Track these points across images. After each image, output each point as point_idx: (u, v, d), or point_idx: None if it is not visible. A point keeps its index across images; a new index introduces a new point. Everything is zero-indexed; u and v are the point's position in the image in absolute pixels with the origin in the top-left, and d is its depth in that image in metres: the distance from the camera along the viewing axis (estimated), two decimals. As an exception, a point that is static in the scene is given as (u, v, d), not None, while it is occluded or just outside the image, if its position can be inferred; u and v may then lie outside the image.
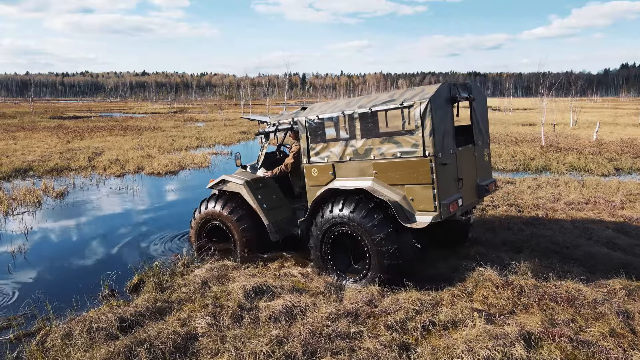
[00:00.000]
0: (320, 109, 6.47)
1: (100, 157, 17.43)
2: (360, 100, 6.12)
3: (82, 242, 8.30)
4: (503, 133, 26.01)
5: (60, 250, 7.88)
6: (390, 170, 5.73)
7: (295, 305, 5.25)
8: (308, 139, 6.44)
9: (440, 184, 5.45)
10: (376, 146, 5.82)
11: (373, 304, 5.36)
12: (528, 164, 15.68)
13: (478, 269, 6.08)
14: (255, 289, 5.73)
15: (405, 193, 5.66)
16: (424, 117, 5.36)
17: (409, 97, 5.58)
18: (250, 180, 7.11)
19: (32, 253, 7.71)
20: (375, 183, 5.83)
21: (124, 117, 48.28)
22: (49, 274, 6.90)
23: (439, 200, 5.43)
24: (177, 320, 5.08)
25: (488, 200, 10.36)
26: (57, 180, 13.70)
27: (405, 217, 5.59)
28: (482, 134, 6.58)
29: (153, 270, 6.47)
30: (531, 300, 5.44)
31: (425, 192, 5.48)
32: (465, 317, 4.91)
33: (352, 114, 5.98)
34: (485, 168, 6.71)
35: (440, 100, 5.54)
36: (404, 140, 5.56)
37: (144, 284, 6.21)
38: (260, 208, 7.00)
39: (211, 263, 6.73)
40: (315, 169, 6.41)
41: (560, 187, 11.67)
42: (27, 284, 6.48)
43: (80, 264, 7.29)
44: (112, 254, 7.76)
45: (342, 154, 6.12)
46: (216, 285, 6.04)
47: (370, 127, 5.91)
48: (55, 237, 8.60)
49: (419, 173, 5.48)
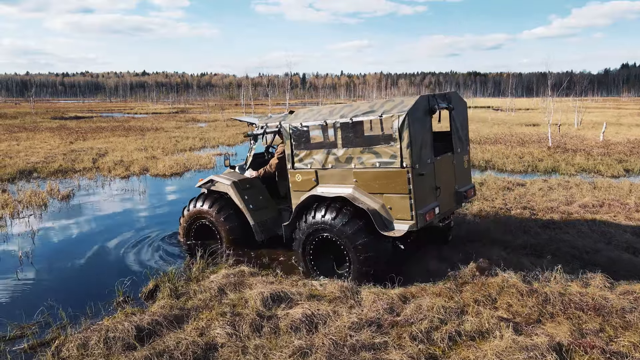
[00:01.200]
0: (304, 116, 6.59)
1: (105, 158, 17.29)
2: (343, 110, 6.25)
3: (92, 245, 8.15)
4: (508, 134, 25.87)
5: (70, 255, 7.73)
6: (370, 179, 5.93)
7: (315, 313, 5.11)
8: (292, 146, 6.57)
9: (417, 194, 5.68)
10: (357, 155, 6.00)
11: (395, 312, 5.22)
12: (536, 165, 15.56)
13: (501, 275, 5.94)
14: (273, 296, 5.59)
15: (384, 202, 5.86)
16: (402, 130, 5.54)
17: (388, 108, 5.75)
18: (237, 181, 7.30)
19: (40, 258, 7.56)
20: (356, 191, 6.01)
21: (125, 117, 48.14)
22: (60, 279, 6.77)
23: (416, 210, 5.66)
24: (195, 329, 4.94)
25: (500, 202, 10.24)
26: (62, 182, 13.57)
27: (383, 225, 5.81)
28: (461, 142, 6.77)
29: (168, 275, 6.34)
30: (557, 308, 5.30)
31: (403, 202, 5.70)
32: (492, 327, 4.78)
33: (334, 123, 6.15)
34: (464, 175, 6.90)
35: (419, 112, 5.70)
36: (383, 151, 5.76)
37: (158, 290, 6.08)
38: (247, 208, 7.22)
39: (227, 269, 6.60)
40: (299, 174, 6.57)
41: (572, 189, 11.54)
42: (38, 290, 6.34)
43: (92, 269, 7.16)
44: (123, 258, 7.61)
45: (324, 161, 6.29)
46: (233, 292, 5.90)
47: (351, 137, 6.11)
48: (64, 241, 8.46)
49: (397, 183, 5.70)
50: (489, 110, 62.15)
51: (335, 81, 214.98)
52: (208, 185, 7.57)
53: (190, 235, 7.79)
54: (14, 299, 6.04)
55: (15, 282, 6.60)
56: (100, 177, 14.34)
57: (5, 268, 7.08)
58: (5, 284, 6.57)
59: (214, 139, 24.79)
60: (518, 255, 6.75)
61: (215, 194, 7.58)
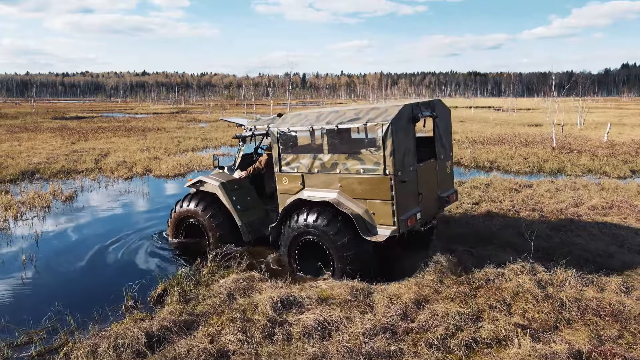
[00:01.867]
0: (291, 120, 6.70)
1: (107, 159, 17.19)
2: (329, 115, 6.36)
3: (97, 248, 8.04)
4: (511, 134, 25.77)
5: (75, 258, 7.63)
6: (354, 184, 6.08)
7: (327, 319, 5.01)
8: (279, 149, 6.68)
9: (399, 200, 5.84)
10: (342, 161, 6.15)
11: (409, 318, 5.13)
12: (542, 166, 15.46)
13: (515, 279, 5.85)
14: (283, 300, 5.49)
15: (367, 207, 6.02)
16: (386, 138, 5.69)
17: (372, 117, 5.88)
18: (226, 182, 7.43)
19: (45, 261, 7.46)
20: (341, 196, 6.17)
21: (126, 117, 48.04)
22: (66, 283, 6.66)
23: (398, 216, 5.84)
24: (206, 335, 4.85)
25: (508, 204, 10.14)
26: (65, 183, 13.47)
27: (366, 229, 6.00)
28: (444, 148, 6.95)
29: (177, 279, 6.24)
30: (573, 314, 5.21)
31: (385, 208, 5.87)
32: (509, 334, 4.69)
33: (320, 129, 6.28)
34: (446, 180, 7.11)
35: (402, 121, 5.86)
36: (367, 158, 5.92)
37: (167, 294, 5.99)
38: (235, 209, 7.36)
39: (237, 274, 6.50)
40: (286, 177, 6.70)
41: (579, 190, 11.44)
42: (44, 294, 6.23)
43: (97, 272, 7.05)
44: (129, 261, 7.52)
45: (310, 166, 6.43)
46: (242, 296, 5.80)
47: (337, 143, 6.27)
48: (68, 243, 8.35)
49: (380, 189, 5.86)
50: (489, 110, 62.03)
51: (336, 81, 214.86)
52: (197, 186, 7.69)
53: (179, 234, 7.94)
54: (20, 304, 5.94)
55: (21, 287, 6.50)
56: (103, 178, 14.24)
57: (10, 272, 6.98)
58: (11, 288, 6.47)
59: (216, 139, 24.69)
60: (530, 259, 6.65)
61: (204, 194, 7.68)
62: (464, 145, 20.47)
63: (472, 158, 17.06)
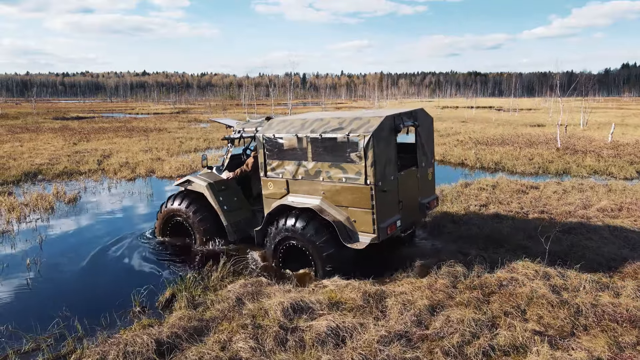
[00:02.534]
0: (277, 127, 6.82)
1: (110, 159, 17.09)
2: (314, 124, 6.48)
3: (102, 251, 7.95)
4: (514, 134, 25.67)
5: (80, 261, 7.54)
6: (337, 192, 6.27)
7: (340, 326, 4.92)
8: (265, 155, 6.85)
9: (379, 209, 6.03)
10: (325, 169, 6.33)
11: (423, 325, 5.04)
12: (547, 167, 15.37)
13: (529, 284, 5.76)
14: (294, 306, 5.40)
15: (348, 214, 6.23)
16: (367, 149, 5.85)
17: (355, 127, 6.03)
18: (213, 183, 7.60)
19: (50, 264, 7.35)
20: (323, 203, 6.37)
21: (127, 117, 47.93)
22: (71, 288, 6.56)
23: (378, 224, 6.03)
24: (217, 342, 4.75)
25: (516, 206, 10.05)
26: (68, 184, 13.37)
27: (347, 236, 6.20)
28: (426, 156, 7.15)
29: (185, 284, 6.15)
30: (590, 320, 5.12)
31: (366, 216, 6.06)
32: (526, 341, 4.59)
33: (304, 137, 6.42)
34: (428, 187, 7.33)
35: (384, 132, 6.01)
36: (349, 167, 6.08)
37: (175, 299, 5.89)
38: (221, 210, 7.52)
39: (245, 279, 6.41)
40: (271, 182, 6.90)
41: (586, 192, 11.35)
42: (50, 299, 6.12)
43: (103, 276, 6.95)
44: (135, 264, 7.42)
45: (295, 172, 6.61)
46: (251, 302, 5.71)
47: (320, 152, 6.38)
48: (73, 246, 8.24)
49: (361, 198, 6.04)
50: (491, 110, 61.95)
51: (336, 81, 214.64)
52: (185, 185, 7.84)
53: (166, 232, 8.10)
54: (26, 309, 5.84)
55: (27, 291, 6.41)
56: (106, 180, 14.14)
57: (15, 276, 6.89)
58: (17, 293, 6.38)
59: (219, 140, 24.59)
60: (543, 263, 6.56)
61: (191, 193, 7.82)
62: (467, 146, 20.38)
63: (477, 159, 16.97)
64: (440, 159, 18.06)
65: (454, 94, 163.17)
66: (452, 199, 10.85)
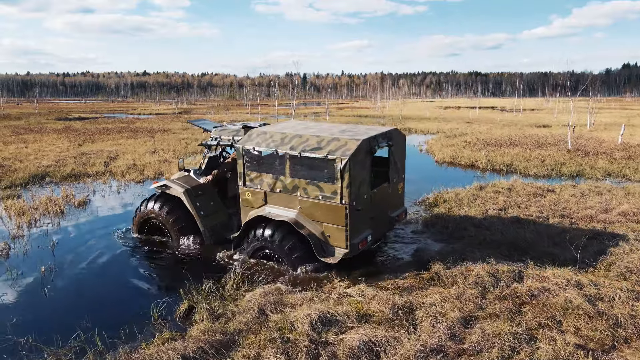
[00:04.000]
0: (256, 139, 7.01)
1: (117, 161, 16.89)
2: (293, 140, 6.71)
3: (115, 258, 7.76)
4: (521, 135, 25.45)
5: (94, 269, 7.35)
6: (313, 208, 6.55)
7: (373, 340, 4.74)
8: (244, 166, 7.05)
9: (352, 226, 6.36)
10: (302, 186, 6.59)
11: (458, 338, 4.85)
12: (560, 169, 15.17)
13: (563, 294, 5.57)
14: (322, 318, 5.21)
15: (323, 230, 6.52)
16: (344, 172, 6.15)
17: (333, 149, 6.31)
18: (190, 188, 7.76)
19: (64, 273, 7.14)
20: (299, 216, 6.64)
21: (130, 118, 47.70)
22: (88, 297, 6.34)
23: (350, 240, 6.38)
24: (246, 357, 4.58)
25: (535, 210, 9.86)
26: (76, 187, 13.17)
27: (321, 250, 6.52)
28: (397, 172, 7.57)
29: (202, 294, 5.95)
30: (629, 332, 4.95)
31: (339, 233, 6.38)
32: (569, 356, 4.41)
33: (283, 154, 6.65)
34: (397, 200, 7.76)
35: (360, 154, 6.33)
36: (326, 186, 6.35)
37: (194, 311, 5.70)
38: (198, 215, 7.70)
39: (263, 287, 6.21)
40: (249, 192, 7.12)
41: (604, 195, 11.16)
42: (68, 310, 5.93)
43: (118, 285, 6.74)
44: (149, 272, 7.23)
45: (273, 185, 6.85)
46: (274, 312, 5.52)
47: (298, 169, 6.61)
48: (85, 252, 8.03)
49: (336, 216, 6.34)
50: (494, 110, 61.72)
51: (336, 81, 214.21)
52: (163, 189, 7.97)
53: (143, 230, 8.37)
54: (45, 320, 5.64)
55: (43, 301, 6.20)
56: (114, 182, 13.94)
57: (30, 284, 6.68)
58: (33, 303, 6.16)
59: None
60: (572, 271, 6.37)
61: (167, 196, 7.99)
62: (476, 147, 20.17)
63: (488, 161, 16.77)
64: (450, 160, 17.87)
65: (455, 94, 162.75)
66: (469, 202, 10.66)
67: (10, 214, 10.06)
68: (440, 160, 18.18)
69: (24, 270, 7.10)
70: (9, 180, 13.35)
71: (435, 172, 16.14)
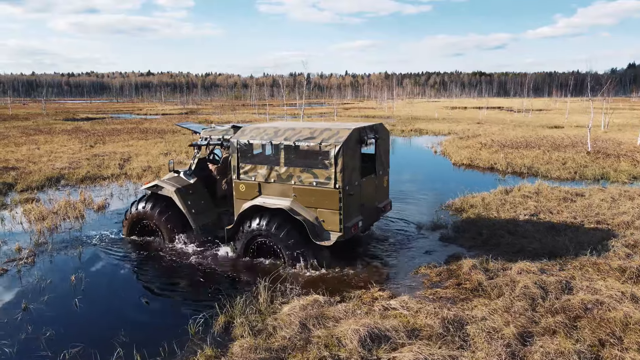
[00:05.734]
0: (250, 133, 7.32)
1: (131, 164, 16.69)
2: (286, 132, 7.07)
3: (141, 266, 7.53)
4: (535, 136, 25.12)
5: (122, 278, 7.13)
6: (307, 195, 6.90)
7: (429, 359, 4.48)
8: (238, 159, 7.31)
9: (346, 210, 6.74)
10: (297, 174, 6.94)
11: (518, 357, 4.58)
12: (583, 172, 14.86)
13: (620, 308, 5.29)
14: (370, 334, 4.96)
15: (317, 215, 6.85)
16: (337, 157, 6.57)
17: (326, 137, 6.72)
18: (181, 188, 7.94)
19: (93, 282, 6.86)
20: (294, 204, 6.94)
21: (137, 119, 47.62)
22: (119, 309, 6.08)
23: (344, 223, 6.75)
24: (296, 378, 4.32)
25: (568, 215, 9.57)
26: (93, 190, 12.97)
27: (316, 234, 6.82)
28: (382, 165, 8.06)
29: (237, 308, 5.69)
30: (699, 350, 4.66)
31: (333, 216, 6.75)
32: (642, 378, 4.14)
33: (278, 144, 7.00)
34: (383, 192, 8.24)
35: (351, 142, 6.77)
36: (320, 172, 6.76)
37: (231, 325, 5.46)
38: (189, 213, 7.89)
39: (300, 299, 5.96)
40: (243, 185, 7.37)
41: (636, 199, 10.85)
42: (101, 323, 5.67)
43: (151, 296, 6.49)
44: (178, 280, 7.00)
45: (267, 176, 7.16)
46: (317, 327, 5.27)
47: (293, 158, 7.00)
48: (112, 258, 7.81)
49: (330, 200, 6.72)
50: (502, 111, 61.32)
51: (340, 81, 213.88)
52: (154, 189, 8.10)
53: (134, 230, 8.47)
54: (80, 335, 5.29)
55: (76, 313, 5.90)
56: (130, 185, 13.74)
57: (60, 294, 6.38)
58: (66, 315, 5.86)
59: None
60: (622, 282, 6.10)
61: (158, 197, 8.13)
62: (492, 149, 19.87)
63: (507, 163, 16.48)
64: (468, 163, 17.59)
65: (459, 94, 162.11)
66: (497, 207, 10.39)
67: (31, 219, 9.86)
68: (458, 162, 17.92)
69: (53, 279, 6.86)
70: (25, 184, 13.17)
71: (454, 175, 15.88)
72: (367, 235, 8.81)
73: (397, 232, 9.16)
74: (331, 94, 72.21)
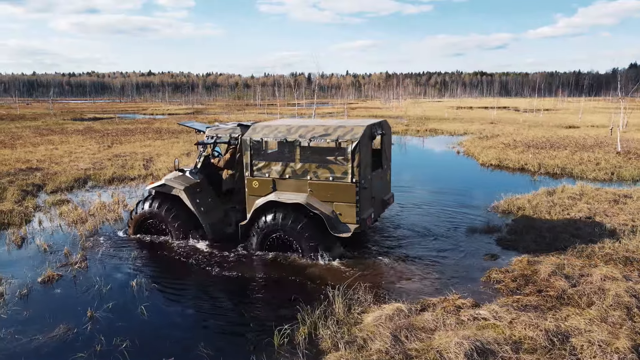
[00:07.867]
0: (262, 131, 7.42)
1: (155, 164, 16.37)
2: (300, 129, 7.21)
3: (202, 270, 7.20)
4: (555, 137, 24.81)
5: (181, 283, 6.81)
6: (323, 189, 7.10)
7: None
8: (251, 156, 7.41)
9: (361, 203, 7.00)
10: (312, 170, 7.14)
11: (642, 373, 4.28)
12: (619, 173, 14.56)
13: None
14: (475, 348, 4.65)
15: (333, 208, 7.07)
16: (354, 153, 6.82)
17: (341, 134, 6.95)
18: (189, 186, 7.95)
19: (155, 289, 6.53)
20: (310, 198, 7.09)
21: (145, 118, 47.27)
22: (190, 317, 5.75)
23: (360, 216, 7.02)
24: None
25: (627, 218, 9.26)
26: (122, 191, 12.65)
27: (334, 227, 6.99)
28: (387, 160, 8.39)
29: (314, 318, 5.37)
30: None
31: (350, 209, 7.00)
32: None
33: (293, 141, 7.12)
34: (387, 185, 8.62)
35: (365, 138, 7.01)
36: (336, 168, 7.04)
37: (316, 336, 5.14)
38: (198, 211, 7.92)
39: (380, 308, 5.64)
40: (257, 181, 7.47)
41: (688, 202, 10.54)
42: (174, 334, 5.34)
43: (220, 303, 6.17)
44: (249, 288, 6.68)
45: (282, 172, 7.29)
46: (410, 339, 4.96)
47: (308, 154, 7.33)
48: (165, 263, 7.50)
49: (347, 194, 6.98)
50: (509, 111, 61.04)
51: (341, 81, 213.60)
52: (161, 189, 8.08)
53: (141, 229, 8.45)
54: (157, 347, 4.95)
55: (146, 322, 5.51)
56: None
57: (124, 301, 6.04)
58: (137, 324, 5.47)
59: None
60: None
61: (164, 196, 8.12)
62: (518, 149, 19.56)
63: (539, 164, 16.18)
64: (496, 163, 17.28)
65: (461, 95, 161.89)
66: (547, 209, 10.08)
67: (69, 221, 9.54)
68: (486, 163, 17.61)
69: (112, 285, 6.52)
70: (54, 185, 12.85)
71: (484, 176, 15.59)
72: (427, 240, 8.49)
73: (445, 235, 8.83)
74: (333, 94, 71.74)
